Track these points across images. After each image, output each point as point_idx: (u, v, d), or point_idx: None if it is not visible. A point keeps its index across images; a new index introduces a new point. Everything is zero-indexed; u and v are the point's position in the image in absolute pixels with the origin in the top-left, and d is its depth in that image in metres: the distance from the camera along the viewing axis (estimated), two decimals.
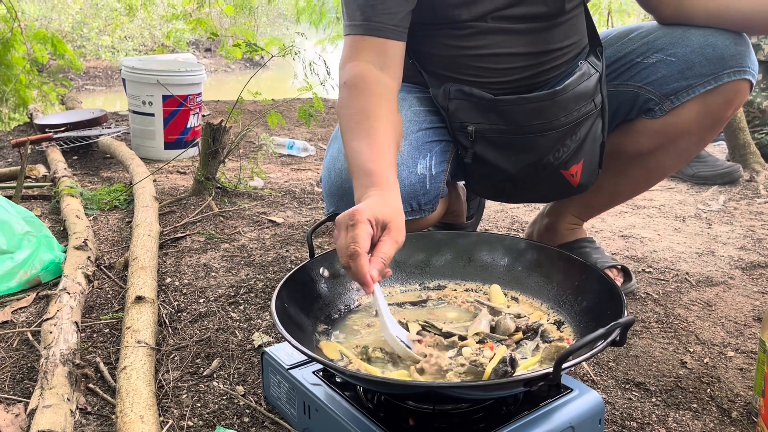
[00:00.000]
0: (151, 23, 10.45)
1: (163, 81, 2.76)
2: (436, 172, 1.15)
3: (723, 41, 1.12)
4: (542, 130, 1.15)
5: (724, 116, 1.19)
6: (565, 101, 1.14)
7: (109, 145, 2.58)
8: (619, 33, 1.27)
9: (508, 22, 1.16)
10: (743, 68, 1.12)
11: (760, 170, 2.22)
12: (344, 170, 1.10)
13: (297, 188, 2.24)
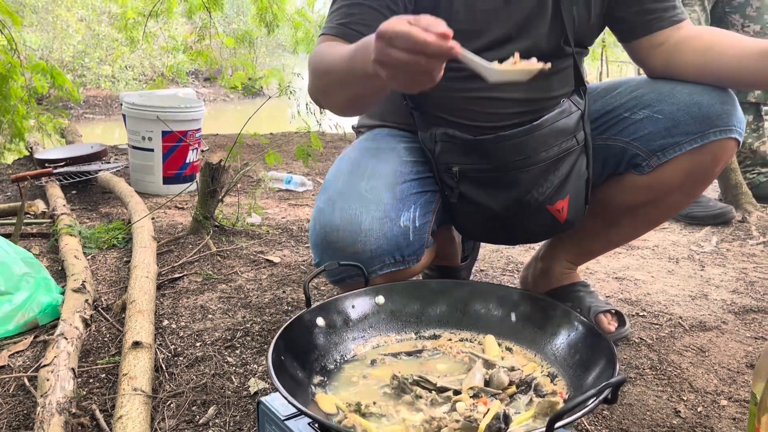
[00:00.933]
0: (152, 53, 10.56)
1: (162, 117, 2.80)
2: (420, 224, 1.17)
3: (709, 100, 1.14)
4: (523, 166, 1.17)
5: (712, 173, 1.21)
6: (543, 136, 1.16)
7: (108, 181, 2.60)
8: (607, 86, 1.30)
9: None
10: (729, 127, 1.14)
11: (752, 211, 2.25)
12: (329, 223, 1.12)
13: (294, 226, 2.25)
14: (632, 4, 1.21)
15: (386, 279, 1.16)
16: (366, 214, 1.12)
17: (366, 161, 1.22)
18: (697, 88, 1.16)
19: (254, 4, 6.70)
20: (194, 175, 3.00)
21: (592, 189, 1.28)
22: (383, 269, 1.13)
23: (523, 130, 1.16)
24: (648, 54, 1.24)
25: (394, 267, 1.15)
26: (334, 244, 1.11)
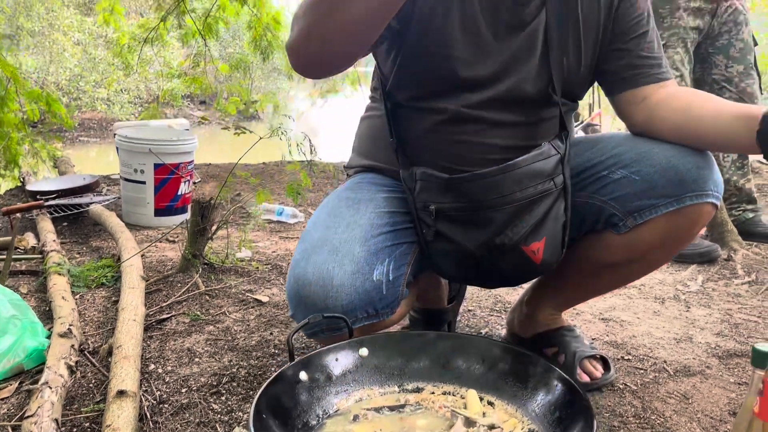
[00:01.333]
0: (147, 77, 10.63)
1: (155, 150, 2.82)
2: (393, 277, 1.17)
3: (685, 164, 1.15)
4: (497, 205, 1.17)
5: (689, 235, 1.23)
6: (518, 176, 1.16)
7: (100, 215, 2.60)
8: (589, 141, 1.31)
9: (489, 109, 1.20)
10: (705, 192, 1.16)
11: (738, 249, 2.27)
12: (302, 277, 1.13)
13: (283, 262, 2.26)
14: (620, 58, 1.23)
15: (361, 332, 1.16)
16: (339, 268, 1.13)
17: (343, 212, 1.24)
18: (675, 150, 1.17)
19: (249, 32, 6.78)
20: (186, 207, 3.01)
21: (573, 243, 1.29)
22: (356, 323, 1.14)
23: (499, 169, 1.16)
24: (631, 109, 1.26)
25: (367, 321, 1.15)
26: (306, 299, 1.12)
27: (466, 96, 1.20)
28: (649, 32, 1.24)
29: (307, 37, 0.98)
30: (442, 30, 1.16)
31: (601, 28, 1.22)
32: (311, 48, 1.00)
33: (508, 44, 1.18)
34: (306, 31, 0.97)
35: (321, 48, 0.99)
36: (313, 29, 0.97)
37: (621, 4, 1.22)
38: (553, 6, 1.18)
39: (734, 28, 2.34)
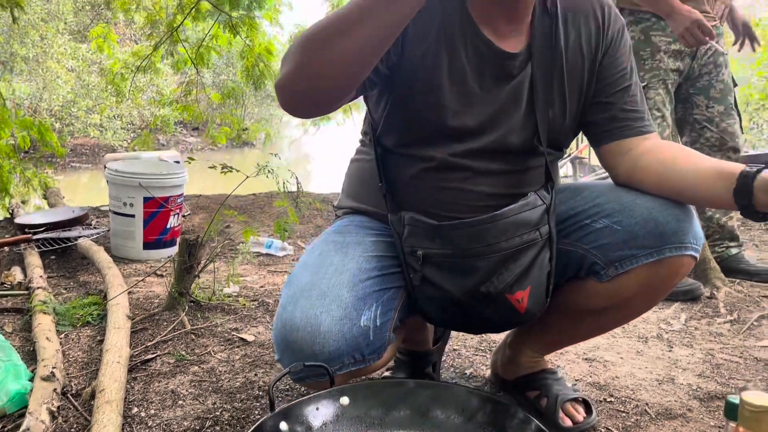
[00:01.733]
0: (140, 104, 10.70)
1: (145, 183, 2.84)
2: (380, 323, 1.18)
3: (666, 217, 1.18)
4: (483, 254, 1.19)
5: (669, 285, 1.25)
6: (505, 226, 1.18)
7: (88, 249, 2.61)
8: (574, 189, 1.34)
9: (476, 158, 1.22)
10: (684, 245, 1.18)
11: (721, 286, 2.30)
12: (289, 322, 1.13)
13: (270, 298, 2.27)
14: (604, 110, 1.27)
15: (347, 377, 1.17)
16: (326, 314, 1.14)
17: (332, 256, 1.25)
18: (656, 202, 1.20)
19: (242, 61, 6.85)
20: (175, 240, 3.02)
21: (556, 289, 1.31)
22: (343, 369, 1.15)
23: (485, 219, 1.19)
24: (614, 160, 1.28)
25: (354, 366, 1.16)
26: (293, 344, 1.13)
27: (453, 145, 1.23)
28: (632, 86, 1.27)
29: (298, 74, 1.00)
30: (430, 79, 1.18)
31: (586, 82, 1.25)
32: (301, 86, 1.01)
33: (494, 95, 1.21)
34: (297, 68, 1.00)
35: (311, 86, 1.01)
36: (304, 67, 0.99)
37: (604, 59, 1.25)
38: (539, 60, 1.21)
39: (714, 70, 2.40)
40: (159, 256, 2.96)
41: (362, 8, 0.94)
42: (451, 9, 1.19)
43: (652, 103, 2.30)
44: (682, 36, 2.19)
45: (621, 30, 1.28)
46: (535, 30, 1.22)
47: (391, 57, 1.16)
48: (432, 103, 1.20)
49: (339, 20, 0.97)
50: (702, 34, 2.16)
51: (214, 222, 2.20)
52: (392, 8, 0.93)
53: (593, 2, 1.26)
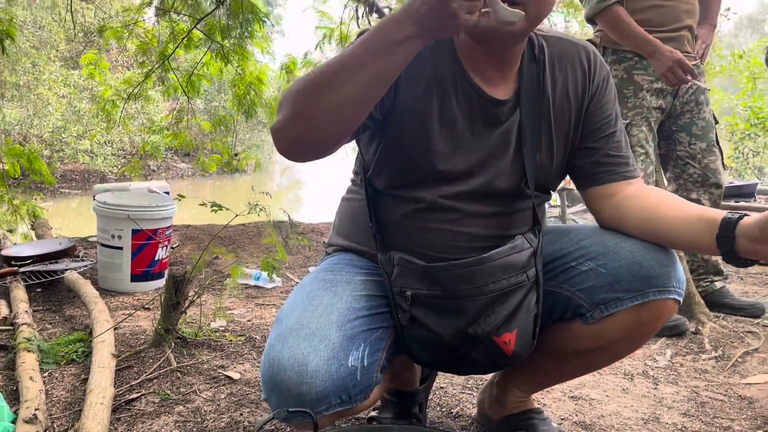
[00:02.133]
0: (130, 131, 10.72)
1: (133, 216, 2.84)
2: (368, 363, 1.18)
3: (649, 261, 1.20)
4: (470, 296, 1.20)
5: (653, 328, 1.26)
6: (492, 269, 1.19)
7: (74, 282, 2.60)
8: (560, 231, 1.35)
9: (465, 201, 1.24)
10: (668, 288, 1.20)
11: (706, 321, 2.32)
12: (277, 362, 1.13)
13: (258, 334, 2.26)
14: (589, 155, 1.29)
15: (333, 417, 1.17)
16: (314, 354, 1.14)
17: (321, 295, 1.26)
18: (640, 246, 1.22)
19: (233, 89, 6.90)
20: (162, 272, 3.01)
21: (542, 330, 1.32)
22: (329, 410, 1.14)
23: (473, 261, 1.20)
24: (599, 204, 1.31)
25: (340, 407, 1.16)
26: (280, 384, 1.13)
27: (442, 187, 1.25)
28: (617, 132, 1.30)
29: (295, 119, 1.03)
30: (421, 124, 1.21)
31: (572, 128, 1.28)
32: (298, 131, 1.04)
33: (484, 140, 1.24)
34: (294, 114, 1.03)
35: (308, 131, 1.03)
36: (301, 112, 1.02)
37: (590, 106, 1.28)
38: (527, 106, 1.24)
39: (696, 108, 2.45)
40: (147, 288, 2.95)
41: (359, 57, 0.99)
42: (442, 56, 1.23)
43: (635, 140, 2.34)
44: (664, 75, 2.24)
45: (606, 77, 1.32)
46: (524, 76, 1.25)
47: (385, 103, 1.19)
48: (423, 147, 1.22)
49: (336, 68, 1.01)
50: (683, 74, 2.21)
51: (203, 256, 2.21)
52: (387, 57, 0.98)
53: (579, 50, 1.30)
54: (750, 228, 1.06)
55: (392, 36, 0.98)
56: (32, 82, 10.74)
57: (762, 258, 1.06)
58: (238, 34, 6.09)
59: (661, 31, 2.31)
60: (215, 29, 5.97)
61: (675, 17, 2.35)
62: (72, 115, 11.37)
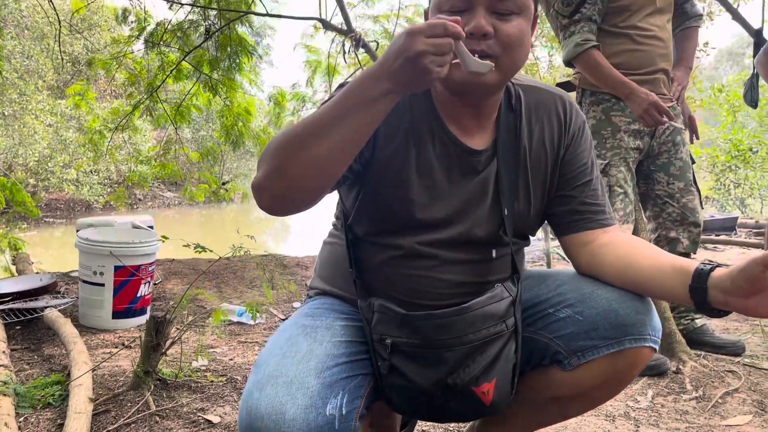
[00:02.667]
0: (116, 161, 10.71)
1: (116, 252, 2.82)
2: (346, 411, 1.18)
3: (625, 309, 1.20)
4: (450, 345, 1.20)
5: (630, 376, 1.27)
6: (472, 318, 1.20)
7: (54, 321, 2.57)
8: (538, 276, 1.37)
9: (443, 248, 1.25)
10: (643, 336, 1.20)
11: (687, 360, 2.33)
12: (254, 410, 1.12)
13: (239, 374, 2.24)
14: (566, 203, 1.31)
15: None
16: (292, 402, 1.13)
17: (300, 341, 1.25)
18: (616, 294, 1.23)
19: (221, 119, 6.94)
20: (145, 309, 2.99)
21: (521, 376, 1.33)
22: None
23: (453, 311, 1.20)
24: (576, 251, 1.32)
25: None
26: (260, 430, 1.12)
27: (421, 235, 1.26)
28: (593, 180, 1.32)
29: (277, 175, 1.05)
30: (399, 174, 1.23)
31: (549, 176, 1.30)
32: (280, 186, 1.06)
33: (462, 189, 1.25)
34: (275, 170, 1.04)
35: (290, 186, 1.05)
36: (282, 168, 1.04)
37: (566, 155, 1.31)
38: (504, 156, 1.26)
39: (673, 148, 2.50)
40: (129, 325, 2.93)
41: (338, 113, 1.02)
42: (419, 106, 1.25)
43: (614, 179, 2.38)
44: (641, 117, 2.29)
45: (582, 126, 1.34)
46: (501, 126, 1.27)
47: (364, 154, 1.21)
48: (401, 196, 1.24)
49: (316, 124, 1.03)
50: (659, 115, 2.26)
51: (185, 295, 2.19)
52: (365, 112, 1.01)
53: (555, 99, 1.32)
54: (722, 280, 1.08)
55: (369, 92, 1.01)
56: (19, 112, 10.72)
57: (734, 310, 1.08)
58: (226, 66, 6.15)
59: (636, 74, 2.37)
60: (203, 61, 6.02)
61: (649, 61, 2.41)
62: (58, 144, 11.33)
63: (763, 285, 1.01)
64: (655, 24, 2.41)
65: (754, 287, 1.02)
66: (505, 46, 1.13)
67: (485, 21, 1.10)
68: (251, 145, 9.27)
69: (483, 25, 1.09)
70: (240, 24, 5.95)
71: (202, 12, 5.71)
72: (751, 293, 1.03)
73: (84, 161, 10.47)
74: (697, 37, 2.72)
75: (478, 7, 1.11)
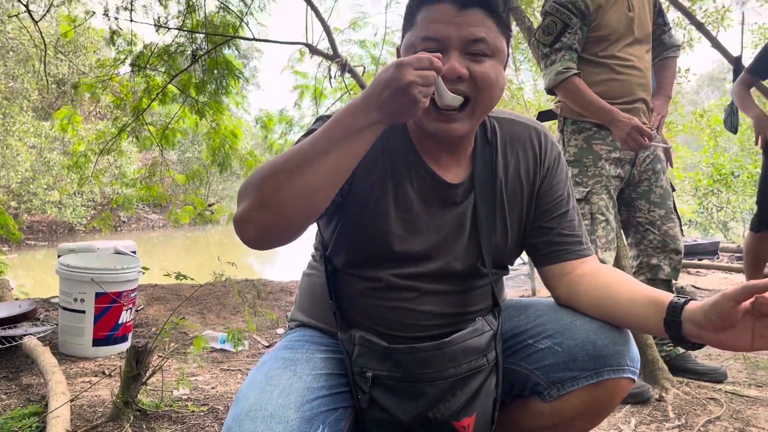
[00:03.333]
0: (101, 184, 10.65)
1: (97, 279, 2.80)
2: None
3: (603, 340, 1.21)
4: (431, 380, 1.20)
5: (609, 407, 1.27)
6: (453, 353, 1.20)
7: (33, 350, 2.53)
8: (518, 306, 1.37)
9: (422, 281, 1.25)
10: (622, 367, 1.21)
11: (669, 388, 2.33)
12: None
13: (221, 404, 2.21)
14: (543, 235, 1.32)
15: None
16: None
17: (280, 374, 1.25)
18: (594, 325, 1.24)
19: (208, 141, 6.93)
20: (127, 336, 2.96)
21: (502, 407, 1.32)
22: None
23: (435, 345, 1.20)
24: (554, 282, 1.33)
25: None
26: None
27: (399, 268, 1.26)
28: (569, 211, 1.34)
29: (262, 208, 1.05)
30: (377, 206, 1.24)
31: (525, 208, 1.32)
32: (266, 216, 1.06)
33: (439, 223, 1.26)
34: (260, 203, 1.05)
35: (275, 219, 1.06)
36: (267, 200, 1.05)
37: (542, 187, 1.32)
38: (481, 189, 1.28)
39: (653, 176, 2.53)
40: (109, 352, 2.89)
41: (323, 144, 1.04)
42: (397, 141, 1.26)
43: (596, 207, 2.40)
44: (624, 141, 2.31)
45: (557, 158, 1.36)
46: (477, 159, 1.29)
47: (344, 186, 1.21)
48: (379, 228, 1.25)
49: (301, 156, 1.05)
50: (642, 138, 2.29)
51: (165, 325, 2.17)
52: (351, 143, 1.03)
53: (530, 131, 1.34)
54: (695, 314, 1.09)
55: (355, 122, 1.03)
56: (2, 133, 10.64)
57: (708, 343, 1.09)
58: (213, 89, 6.17)
59: (616, 103, 2.41)
60: (190, 85, 6.04)
61: (629, 90, 2.45)
62: (42, 165, 11.24)
63: (734, 320, 1.03)
64: (634, 54, 2.46)
65: (725, 322, 1.03)
66: (479, 88, 1.15)
67: (459, 64, 1.12)
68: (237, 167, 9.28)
69: (457, 68, 1.12)
70: (227, 47, 6.00)
71: (190, 36, 5.74)
72: (723, 327, 1.04)
73: (68, 184, 10.39)
74: (676, 67, 2.78)
75: (452, 50, 1.13)
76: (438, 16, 1.13)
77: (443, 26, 1.13)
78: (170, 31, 5.89)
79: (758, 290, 0.99)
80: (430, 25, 1.14)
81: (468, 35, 1.12)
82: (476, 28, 1.13)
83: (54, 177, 11.18)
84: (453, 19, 1.12)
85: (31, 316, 2.91)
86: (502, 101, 9.97)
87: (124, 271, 2.89)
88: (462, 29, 1.12)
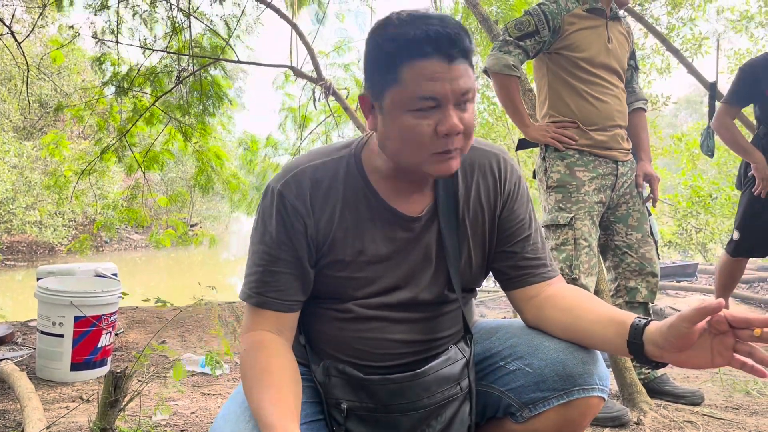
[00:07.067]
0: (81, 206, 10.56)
1: (77, 302, 2.77)
2: None
3: (572, 359, 1.23)
4: (406, 410, 1.21)
5: (580, 426, 1.29)
6: (427, 383, 1.22)
7: (9, 375, 2.49)
8: (488, 328, 1.39)
9: (391, 310, 1.27)
10: (591, 386, 1.23)
11: (647, 411, 2.35)
12: None
13: (200, 430, 2.20)
14: (507, 259, 1.34)
15: None
16: None
17: None
18: (562, 345, 1.26)
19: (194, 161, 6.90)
20: (106, 360, 2.92)
21: (477, 428, 1.33)
22: None
23: (409, 376, 1.22)
24: (522, 304, 1.35)
25: None
26: None
27: (367, 299, 1.27)
28: (532, 235, 1.36)
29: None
30: (344, 256, 1.24)
31: (488, 234, 1.33)
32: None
33: (405, 256, 1.28)
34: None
35: None
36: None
37: (503, 212, 1.34)
38: (444, 217, 1.29)
39: (631, 200, 2.58)
40: (88, 377, 2.85)
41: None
42: (355, 186, 1.26)
43: (579, 233, 2.42)
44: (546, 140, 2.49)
45: (517, 183, 1.37)
46: (439, 189, 1.30)
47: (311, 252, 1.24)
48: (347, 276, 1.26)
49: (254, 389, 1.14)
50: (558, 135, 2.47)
51: (145, 351, 2.16)
52: None
53: (490, 158, 1.35)
54: (654, 335, 1.11)
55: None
56: None
57: (669, 363, 1.12)
58: (199, 110, 6.18)
59: (594, 128, 2.46)
60: (175, 107, 6.04)
61: (608, 114, 2.51)
62: (22, 185, 11.13)
63: (692, 340, 1.05)
64: (614, 83, 2.53)
65: (684, 342, 1.06)
66: (468, 134, 1.16)
67: (457, 120, 1.11)
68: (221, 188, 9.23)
69: (457, 125, 1.10)
70: (213, 68, 6.02)
71: (176, 57, 5.76)
72: (683, 347, 1.06)
73: (49, 204, 10.29)
74: (646, 123, 2.86)
75: (448, 105, 1.11)
76: (432, 74, 1.09)
77: (440, 84, 1.09)
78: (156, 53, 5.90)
79: (711, 311, 1.02)
80: (424, 83, 1.09)
81: (459, 89, 1.10)
82: (464, 79, 1.11)
83: (35, 197, 11.06)
84: (446, 76, 1.09)
85: (8, 340, 2.87)
86: (488, 123, 10.09)
87: (104, 294, 2.87)
88: (454, 84, 1.10)
